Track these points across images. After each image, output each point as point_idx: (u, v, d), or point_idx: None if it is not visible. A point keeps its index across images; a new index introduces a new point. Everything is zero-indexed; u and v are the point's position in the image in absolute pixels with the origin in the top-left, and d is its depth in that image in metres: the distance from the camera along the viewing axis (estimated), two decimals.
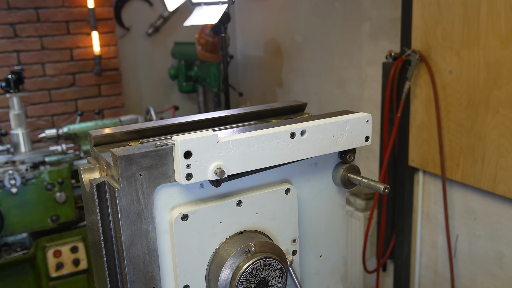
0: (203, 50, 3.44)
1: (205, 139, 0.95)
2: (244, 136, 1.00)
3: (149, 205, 0.99)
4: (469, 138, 2.09)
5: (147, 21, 3.90)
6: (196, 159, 0.94)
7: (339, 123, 1.13)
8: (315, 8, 3.14)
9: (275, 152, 1.05)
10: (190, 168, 0.94)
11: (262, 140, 1.02)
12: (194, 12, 3.14)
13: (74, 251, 2.54)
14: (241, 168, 1.01)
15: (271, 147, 1.04)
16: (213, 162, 0.96)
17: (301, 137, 1.08)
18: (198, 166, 0.95)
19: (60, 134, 2.77)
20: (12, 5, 3.36)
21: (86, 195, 1.05)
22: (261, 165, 1.04)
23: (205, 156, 0.95)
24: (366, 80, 2.80)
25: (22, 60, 3.46)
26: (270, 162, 1.05)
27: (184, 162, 0.93)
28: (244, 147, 1.00)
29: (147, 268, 1.01)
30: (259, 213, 1.10)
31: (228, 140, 0.98)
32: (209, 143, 0.95)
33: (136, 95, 4.00)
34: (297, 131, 1.07)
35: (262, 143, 1.02)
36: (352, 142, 1.16)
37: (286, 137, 1.05)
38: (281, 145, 1.05)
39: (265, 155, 1.03)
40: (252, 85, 4.12)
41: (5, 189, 2.37)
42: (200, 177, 0.96)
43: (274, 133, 1.04)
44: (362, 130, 1.17)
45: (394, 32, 2.53)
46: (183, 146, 0.93)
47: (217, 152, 0.97)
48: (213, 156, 0.96)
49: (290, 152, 1.07)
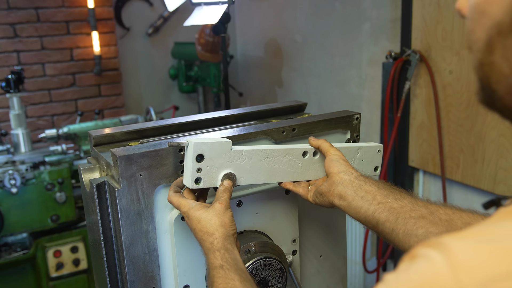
0: (203, 50, 3.44)
1: (220, 144, 0.93)
2: (258, 148, 0.98)
3: (149, 205, 0.99)
4: (469, 138, 2.09)
5: (147, 21, 3.90)
6: (208, 164, 0.92)
7: (351, 148, 1.11)
8: (315, 8, 3.14)
9: (286, 169, 1.03)
10: (200, 172, 0.92)
11: (275, 154, 1.00)
12: (194, 12, 3.14)
13: (74, 251, 2.53)
14: (251, 180, 0.99)
15: (283, 163, 1.02)
16: (224, 170, 0.94)
17: (313, 157, 1.06)
18: (208, 172, 0.93)
19: (60, 134, 2.77)
20: (12, 5, 3.36)
21: (86, 195, 1.05)
22: (271, 179, 1.02)
23: (217, 162, 0.93)
24: (366, 80, 2.80)
25: (22, 60, 3.46)
26: (280, 178, 1.03)
27: (195, 165, 0.91)
28: (256, 159, 0.98)
29: (147, 268, 1.01)
30: (259, 213, 1.10)
31: (242, 149, 0.96)
32: (223, 149, 0.93)
33: (136, 95, 4.00)
34: (309, 150, 1.06)
35: (275, 158, 1.00)
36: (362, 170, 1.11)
37: (298, 155, 1.04)
38: (292, 162, 1.04)
39: (276, 170, 1.02)
40: (252, 85, 4.12)
41: (5, 189, 2.37)
42: (209, 183, 0.94)
43: (288, 149, 1.02)
44: (372, 159, 1.16)
45: (394, 32, 2.53)
46: (197, 149, 0.90)
47: (229, 159, 0.94)
48: (224, 164, 0.94)
49: (301, 171, 1.05)
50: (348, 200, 0.95)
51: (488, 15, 0.48)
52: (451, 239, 0.45)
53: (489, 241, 0.44)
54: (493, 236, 0.44)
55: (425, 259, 0.45)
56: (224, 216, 0.91)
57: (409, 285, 0.45)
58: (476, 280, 0.41)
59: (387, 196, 0.93)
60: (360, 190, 0.95)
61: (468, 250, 0.43)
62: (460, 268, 0.42)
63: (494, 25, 0.48)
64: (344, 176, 0.98)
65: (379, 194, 0.93)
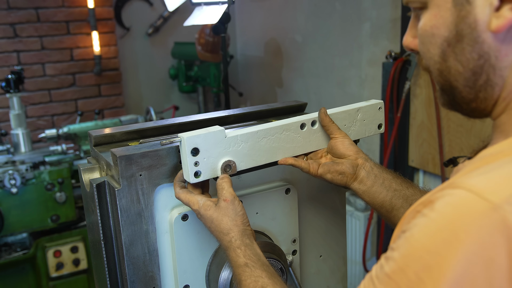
0: (203, 50, 3.44)
1: (213, 134, 0.91)
2: (253, 129, 0.96)
3: (149, 205, 0.99)
4: (469, 138, 2.09)
5: (147, 21, 3.90)
6: (204, 155, 0.91)
7: (350, 111, 1.10)
8: (315, 8, 3.14)
9: (286, 145, 1.01)
10: (198, 165, 0.91)
11: (271, 133, 0.98)
12: (194, 12, 3.14)
13: (74, 251, 2.53)
14: (251, 163, 0.97)
15: (281, 139, 1.00)
16: (222, 158, 0.93)
17: (311, 127, 1.05)
18: (206, 163, 0.91)
19: (60, 134, 2.77)
20: (12, 5, 3.36)
21: (86, 195, 1.05)
22: (272, 158, 1.00)
23: (213, 152, 0.92)
24: (366, 80, 2.80)
25: (22, 60, 3.46)
26: (281, 155, 1.01)
27: (192, 160, 0.90)
28: (253, 141, 0.96)
29: (147, 268, 1.01)
30: (259, 213, 1.10)
31: (237, 134, 0.94)
32: (217, 138, 0.92)
33: (136, 95, 4.00)
34: (307, 122, 1.04)
35: (272, 136, 0.99)
36: (365, 131, 1.13)
37: (296, 128, 1.02)
38: (291, 137, 1.02)
39: (276, 148, 1.00)
40: (252, 85, 4.12)
41: (5, 189, 2.37)
42: (209, 174, 0.92)
43: (284, 125, 1.00)
44: (374, 118, 1.14)
45: (394, 32, 2.53)
46: (190, 143, 0.89)
47: (225, 147, 0.93)
48: (221, 152, 0.93)
49: (301, 144, 1.04)
50: (367, 185, 1.01)
51: (437, 35, 0.66)
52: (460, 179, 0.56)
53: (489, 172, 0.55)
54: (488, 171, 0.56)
55: (448, 196, 0.55)
56: (234, 212, 0.90)
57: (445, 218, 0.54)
58: (502, 196, 0.52)
59: (401, 184, 1.01)
60: (380, 176, 1.01)
61: (481, 181, 0.54)
62: (484, 192, 0.52)
63: (444, 40, 0.66)
64: (365, 162, 1.02)
65: (394, 181, 1.01)
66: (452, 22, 0.64)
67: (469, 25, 0.62)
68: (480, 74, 0.64)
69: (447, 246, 0.52)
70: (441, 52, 0.67)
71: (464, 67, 0.65)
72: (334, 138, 1.06)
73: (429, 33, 0.67)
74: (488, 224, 0.51)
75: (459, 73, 0.66)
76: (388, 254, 0.59)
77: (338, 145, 1.04)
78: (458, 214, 0.53)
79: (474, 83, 0.65)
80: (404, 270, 0.55)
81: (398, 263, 0.56)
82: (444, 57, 0.66)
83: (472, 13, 0.62)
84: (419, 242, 0.55)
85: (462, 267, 0.51)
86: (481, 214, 0.52)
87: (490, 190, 0.52)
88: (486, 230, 0.51)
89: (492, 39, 0.62)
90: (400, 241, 0.58)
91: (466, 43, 0.63)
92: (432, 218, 0.55)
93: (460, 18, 0.63)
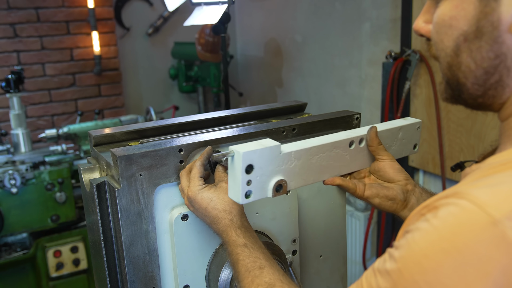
0: (203, 50, 3.44)
1: (269, 150, 0.81)
2: (306, 146, 0.88)
3: (149, 205, 0.99)
4: (469, 138, 2.09)
5: (147, 21, 3.90)
6: (258, 173, 0.81)
7: (393, 130, 1.03)
8: (315, 8, 3.14)
9: (334, 163, 0.94)
10: (250, 184, 0.80)
11: (323, 150, 0.91)
12: (194, 12, 3.14)
13: (74, 251, 2.53)
14: (300, 183, 0.89)
15: (331, 157, 0.93)
16: (274, 177, 0.83)
17: (358, 146, 0.97)
18: (259, 182, 0.81)
19: (60, 134, 2.77)
20: (12, 5, 3.36)
21: (86, 195, 1.05)
22: (320, 178, 0.93)
23: (267, 170, 0.82)
24: (366, 80, 2.80)
25: (22, 60, 3.46)
26: (328, 174, 0.94)
27: (245, 178, 0.79)
28: (305, 159, 0.88)
29: (147, 268, 1.01)
30: (259, 213, 1.10)
31: (291, 151, 0.85)
32: (272, 154, 0.82)
33: (136, 95, 4.00)
34: (355, 139, 0.96)
35: (323, 154, 0.91)
36: (402, 151, 1.07)
37: (345, 146, 0.95)
38: (340, 155, 0.95)
39: (324, 167, 0.92)
40: (252, 85, 4.12)
41: (5, 189, 2.37)
42: (259, 194, 0.83)
43: (335, 143, 0.93)
44: (412, 137, 1.09)
45: (394, 32, 2.53)
46: (246, 159, 0.79)
47: (278, 165, 0.84)
48: (274, 170, 0.83)
49: (347, 163, 0.96)
50: None
51: (454, 28, 0.63)
52: (466, 189, 0.56)
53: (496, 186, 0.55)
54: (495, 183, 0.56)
55: (452, 205, 0.56)
56: None
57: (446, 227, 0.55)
58: (504, 211, 0.52)
59: None
60: None
61: (486, 194, 0.54)
62: (486, 206, 0.53)
63: (461, 34, 0.63)
64: (414, 187, 0.98)
65: None
66: (474, 17, 0.61)
67: (491, 23, 0.60)
68: (493, 74, 0.62)
69: (445, 255, 0.53)
70: (455, 46, 0.64)
71: (477, 65, 0.63)
72: (381, 160, 1.00)
73: (446, 23, 0.64)
74: (486, 238, 0.52)
75: (470, 70, 0.64)
76: (391, 251, 0.60)
77: (386, 168, 0.99)
78: (459, 225, 0.54)
79: (484, 82, 0.63)
80: (402, 271, 0.57)
81: (398, 263, 0.58)
82: (457, 51, 0.64)
83: (497, 11, 0.59)
84: (419, 246, 0.56)
85: (458, 277, 0.52)
86: (481, 227, 0.52)
87: (492, 204, 0.53)
88: (484, 244, 0.52)
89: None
90: (402, 241, 0.59)
91: (485, 41, 0.61)
92: (434, 225, 0.56)
93: (484, 14, 0.60)
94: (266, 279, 0.81)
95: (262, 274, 0.81)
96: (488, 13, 0.60)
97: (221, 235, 0.91)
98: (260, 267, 0.82)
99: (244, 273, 0.83)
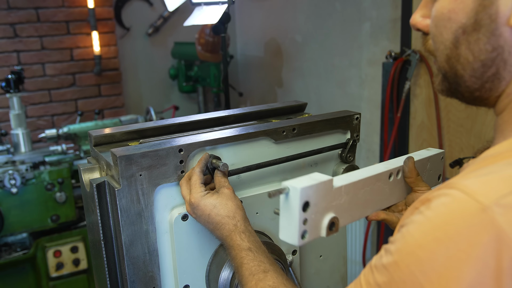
0: (203, 50, 3.44)
1: (323, 185, 0.75)
2: (353, 179, 0.84)
3: (149, 205, 0.99)
4: (469, 138, 2.09)
5: (147, 21, 3.90)
6: (313, 211, 0.74)
7: (423, 161, 1.02)
8: (315, 8, 3.14)
9: (375, 197, 0.91)
10: (306, 223, 0.74)
11: (368, 183, 0.87)
12: (194, 12, 3.14)
13: (74, 251, 2.53)
14: (348, 220, 0.84)
15: (373, 191, 0.90)
16: (326, 214, 0.78)
17: (396, 178, 0.95)
18: (313, 220, 0.75)
19: (60, 134, 2.77)
20: (12, 5, 3.36)
21: (86, 195, 1.05)
22: (364, 213, 0.90)
23: (320, 207, 0.76)
24: (366, 80, 2.80)
25: (22, 60, 3.46)
26: (370, 209, 0.91)
27: (302, 217, 0.73)
28: (353, 193, 0.84)
29: (147, 268, 1.01)
30: (259, 213, 1.10)
31: (341, 185, 0.80)
32: (326, 189, 0.77)
33: (136, 95, 4.00)
34: (393, 171, 0.94)
35: (367, 187, 0.88)
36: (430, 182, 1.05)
37: (386, 179, 0.93)
38: (381, 188, 0.92)
39: (368, 201, 0.89)
40: (252, 85, 4.12)
41: (5, 189, 2.37)
42: (314, 234, 0.77)
43: (378, 175, 0.90)
44: (437, 168, 1.08)
45: (394, 32, 2.53)
46: (304, 195, 0.72)
47: (330, 201, 0.79)
48: (327, 207, 0.78)
49: (387, 196, 0.94)
50: None
51: (453, 21, 0.65)
52: (457, 180, 0.59)
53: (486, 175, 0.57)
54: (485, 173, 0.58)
55: (443, 196, 0.58)
56: (236, 199, 0.94)
57: (439, 217, 0.57)
58: (492, 198, 0.54)
59: None
60: None
61: (475, 183, 0.57)
62: (475, 194, 0.55)
63: (459, 27, 0.64)
64: None
65: None
66: (472, 10, 0.63)
67: (489, 16, 0.61)
68: (490, 67, 0.64)
69: (438, 243, 0.55)
70: (454, 38, 0.65)
71: (475, 57, 0.64)
72: (420, 191, 0.97)
73: (445, 17, 0.66)
74: (477, 224, 0.54)
75: (468, 62, 0.65)
76: (387, 246, 0.62)
77: None
78: (451, 214, 0.56)
79: (482, 74, 0.65)
80: (398, 263, 0.58)
81: (394, 256, 0.59)
82: (456, 43, 0.65)
83: (495, 4, 0.61)
84: (413, 238, 0.58)
85: (451, 263, 0.54)
86: (471, 214, 0.54)
87: (481, 191, 0.55)
88: (475, 230, 0.54)
89: (509, 33, 0.61)
90: (397, 235, 0.61)
91: (483, 34, 0.63)
92: (427, 216, 0.58)
93: (482, 7, 0.62)
94: (270, 282, 0.82)
95: (266, 278, 0.82)
96: (487, 6, 0.61)
97: (225, 240, 0.91)
98: (264, 270, 0.84)
99: (248, 277, 0.84)
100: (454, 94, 0.71)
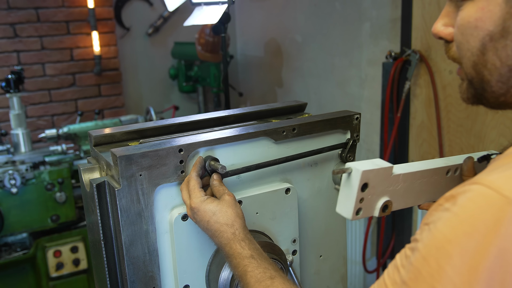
0: (203, 50, 3.44)
1: (384, 170, 0.85)
2: (413, 169, 0.92)
3: (149, 205, 0.99)
4: (469, 138, 2.09)
5: (147, 21, 3.90)
6: (370, 192, 0.84)
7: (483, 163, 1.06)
8: (315, 8, 3.14)
9: (431, 189, 0.97)
10: (362, 202, 0.84)
11: (425, 175, 0.94)
12: (194, 12, 3.14)
13: (74, 251, 2.53)
14: (402, 205, 0.92)
15: (430, 183, 0.96)
16: (382, 197, 0.87)
17: (453, 174, 1.01)
18: (369, 201, 0.85)
19: (60, 134, 2.77)
20: (12, 5, 3.36)
21: (86, 195, 1.06)
22: (417, 202, 0.97)
23: (377, 189, 0.86)
24: (366, 80, 2.80)
25: (22, 60, 3.46)
26: (424, 200, 0.98)
27: (359, 196, 0.83)
28: (410, 182, 0.92)
29: (147, 268, 1.01)
30: (259, 213, 1.10)
31: (400, 173, 0.88)
32: (385, 175, 0.86)
33: (136, 95, 4.00)
34: (452, 168, 1.00)
35: (424, 179, 0.95)
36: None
37: (443, 173, 0.99)
38: (437, 182, 0.98)
39: (423, 191, 0.96)
40: (252, 85, 4.12)
41: (5, 189, 2.37)
42: (368, 212, 0.87)
43: (436, 169, 0.97)
44: None
45: (394, 32, 2.53)
46: (364, 177, 0.82)
47: (387, 186, 0.88)
48: (383, 191, 0.87)
49: (441, 190, 0.98)
50: None
51: (480, 29, 0.67)
52: (482, 176, 0.61)
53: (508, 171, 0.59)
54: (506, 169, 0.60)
55: (469, 192, 0.60)
56: (237, 207, 0.94)
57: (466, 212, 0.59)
58: None
59: None
60: None
61: (500, 178, 0.59)
62: (500, 188, 0.57)
63: (487, 34, 0.67)
64: None
65: None
66: (500, 18, 0.65)
67: None
68: None
69: (467, 237, 0.57)
70: (481, 45, 0.68)
71: (502, 63, 0.67)
72: None
73: (472, 25, 0.68)
74: (504, 217, 0.56)
75: (495, 67, 0.68)
76: (412, 245, 0.63)
77: None
78: (478, 208, 0.58)
79: (508, 79, 0.68)
80: (426, 259, 0.59)
81: (421, 252, 0.61)
82: (483, 50, 0.68)
83: None
84: (441, 233, 0.60)
85: (481, 256, 0.56)
86: (498, 208, 0.56)
87: (506, 186, 0.57)
88: (502, 223, 0.55)
89: None
90: (424, 233, 0.62)
91: (510, 40, 0.65)
92: (454, 212, 0.60)
93: (510, 15, 0.64)
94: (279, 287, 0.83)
95: (273, 284, 0.83)
96: None
97: (223, 248, 0.92)
98: (270, 277, 0.84)
99: (255, 284, 0.84)
100: (479, 100, 0.74)
